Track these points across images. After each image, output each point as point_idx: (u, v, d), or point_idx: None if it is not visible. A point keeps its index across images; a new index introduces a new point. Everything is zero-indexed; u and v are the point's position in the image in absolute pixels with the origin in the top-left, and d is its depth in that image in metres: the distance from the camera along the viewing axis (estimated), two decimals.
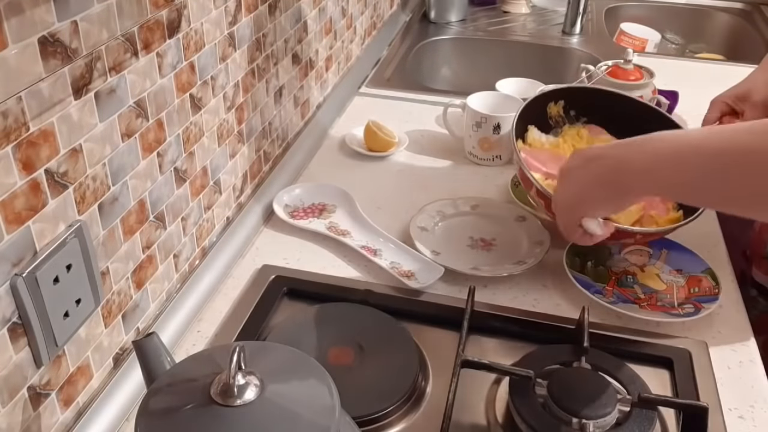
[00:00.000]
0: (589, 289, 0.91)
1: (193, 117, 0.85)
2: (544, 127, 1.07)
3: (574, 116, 1.09)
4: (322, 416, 0.50)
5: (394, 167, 1.23)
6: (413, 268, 0.96)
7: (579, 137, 1.06)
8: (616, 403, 0.72)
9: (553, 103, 1.07)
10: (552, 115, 1.08)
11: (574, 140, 1.05)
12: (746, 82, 1.04)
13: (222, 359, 0.52)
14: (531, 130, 1.05)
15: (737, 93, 1.04)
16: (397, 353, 0.81)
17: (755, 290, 1.04)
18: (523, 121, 1.03)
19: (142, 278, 0.80)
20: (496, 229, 1.05)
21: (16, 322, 0.61)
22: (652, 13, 2.07)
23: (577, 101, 1.07)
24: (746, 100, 1.03)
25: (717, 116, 1.05)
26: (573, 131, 1.07)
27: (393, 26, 1.81)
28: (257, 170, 1.09)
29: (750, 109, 1.02)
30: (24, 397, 0.63)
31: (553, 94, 1.07)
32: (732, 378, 0.82)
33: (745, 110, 1.02)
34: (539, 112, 1.06)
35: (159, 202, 0.81)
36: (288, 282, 0.93)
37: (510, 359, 0.81)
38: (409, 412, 0.77)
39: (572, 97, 1.07)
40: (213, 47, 0.88)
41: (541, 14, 1.99)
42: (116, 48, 0.68)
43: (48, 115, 0.60)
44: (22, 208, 0.59)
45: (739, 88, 1.04)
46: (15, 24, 0.55)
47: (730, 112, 1.04)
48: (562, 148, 1.04)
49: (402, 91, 1.50)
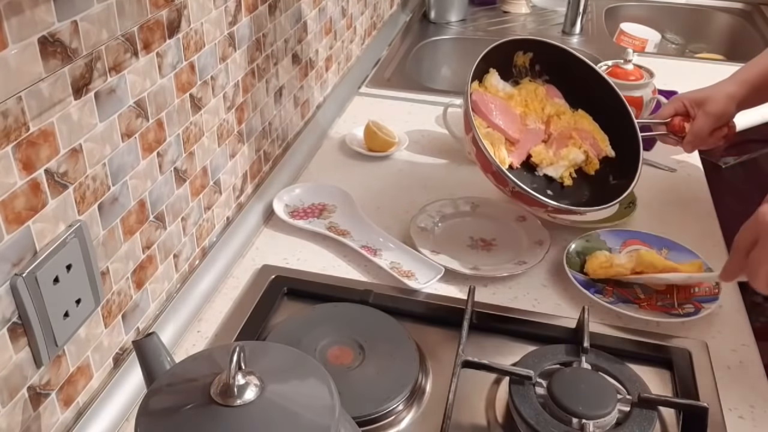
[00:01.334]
0: (589, 289, 0.91)
1: (193, 117, 0.85)
2: (506, 75, 1.05)
3: (538, 71, 1.07)
4: (322, 416, 0.50)
5: (394, 167, 1.23)
6: (413, 268, 0.96)
7: (534, 94, 1.04)
8: (616, 403, 0.72)
9: (522, 52, 1.06)
10: (517, 64, 1.06)
11: (529, 95, 1.04)
12: (708, 90, 1.04)
13: (222, 359, 0.52)
14: (492, 74, 1.03)
15: (696, 97, 1.04)
16: (397, 353, 0.81)
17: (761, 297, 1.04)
18: (486, 63, 1.01)
19: (142, 278, 0.80)
20: (496, 229, 1.05)
21: (16, 322, 0.61)
22: (652, 13, 2.07)
23: (546, 57, 1.06)
24: (702, 106, 1.03)
25: (671, 113, 1.06)
26: (531, 86, 1.05)
27: (393, 26, 1.81)
28: (257, 170, 1.09)
29: (701, 116, 1.03)
30: (24, 397, 0.63)
31: (525, 43, 1.05)
32: (732, 378, 0.82)
33: (697, 115, 1.03)
34: (506, 59, 1.05)
35: (159, 202, 0.81)
36: (288, 282, 0.93)
37: (510, 359, 0.81)
38: (409, 412, 0.77)
39: (542, 51, 1.06)
40: (213, 47, 0.88)
41: (541, 14, 1.99)
42: (116, 48, 0.68)
43: (48, 115, 0.60)
44: (22, 208, 0.59)
45: (699, 94, 1.05)
46: (15, 24, 0.55)
47: (683, 113, 1.05)
48: (515, 100, 1.03)
49: (402, 91, 1.50)
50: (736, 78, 1.05)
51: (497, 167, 0.91)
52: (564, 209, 0.95)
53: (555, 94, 1.05)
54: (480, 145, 0.92)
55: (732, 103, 1.02)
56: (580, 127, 1.03)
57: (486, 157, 0.92)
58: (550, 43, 1.05)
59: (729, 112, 1.03)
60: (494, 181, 0.95)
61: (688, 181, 1.20)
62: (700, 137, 1.03)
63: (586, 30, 1.86)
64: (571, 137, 1.02)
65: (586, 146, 1.01)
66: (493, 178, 0.95)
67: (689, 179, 1.20)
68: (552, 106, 1.03)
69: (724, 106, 1.02)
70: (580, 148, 1.01)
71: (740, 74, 1.05)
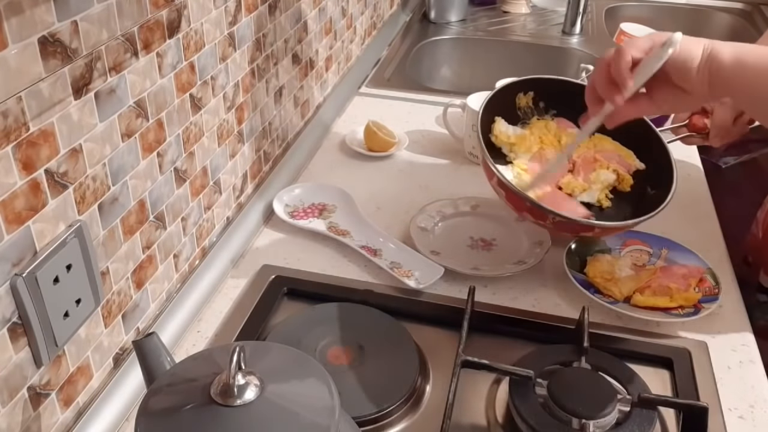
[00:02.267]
0: (589, 289, 0.91)
1: (193, 117, 0.85)
2: (512, 119, 1.04)
3: (543, 108, 1.06)
4: (322, 416, 0.50)
5: (394, 167, 1.23)
6: (413, 268, 0.96)
7: (547, 129, 1.03)
8: (616, 403, 0.72)
9: (522, 93, 1.04)
10: (521, 106, 1.05)
11: (541, 133, 1.02)
12: None
13: (222, 359, 0.52)
14: (498, 122, 1.02)
15: None
16: (397, 353, 0.81)
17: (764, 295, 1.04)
18: (490, 112, 1.00)
19: (142, 278, 0.80)
20: (496, 229, 1.05)
21: (16, 322, 0.61)
22: (652, 13, 2.07)
23: (547, 93, 1.05)
24: None
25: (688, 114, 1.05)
26: (541, 123, 1.04)
27: (393, 26, 1.81)
28: (257, 170, 1.09)
29: (718, 108, 1.02)
30: (24, 397, 0.63)
31: (523, 84, 1.04)
32: (732, 378, 0.82)
33: (714, 108, 1.02)
34: (508, 103, 1.04)
35: (159, 202, 0.81)
36: (288, 282, 0.93)
37: (510, 359, 0.81)
38: (409, 412, 0.77)
39: (542, 88, 1.05)
40: (213, 47, 0.88)
41: (541, 14, 1.99)
42: (116, 48, 0.68)
43: (48, 115, 0.60)
44: (22, 208, 0.59)
45: None
46: (15, 24, 0.55)
47: (700, 111, 1.04)
48: (528, 140, 1.01)
49: (402, 91, 1.50)
50: None
51: (531, 201, 0.88)
52: (611, 227, 0.92)
53: (567, 125, 1.03)
54: (508, 186, 0.88)
55: None
56: (601, 149, 1.01)
57: (517, 196, 0.89)
58: (548, 78, 1.04)
59: None
60: (532, 218, 0.91)
61: (688, 181, 1.20)
62: (725, 128, 1.02)
63: (586, 30, 1.86)
64: (596, 160, 1.00)
65: (614, 165, 0.99)
66: (530, 215, 0.91)
67: (689, 179, 1.20)
68: (567, 136, 1.01)
69: None
70: (608, 169, 0.99)
71: None
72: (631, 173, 1.01)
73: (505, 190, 0.90)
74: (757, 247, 1.11)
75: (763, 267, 1.05)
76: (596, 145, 1.02)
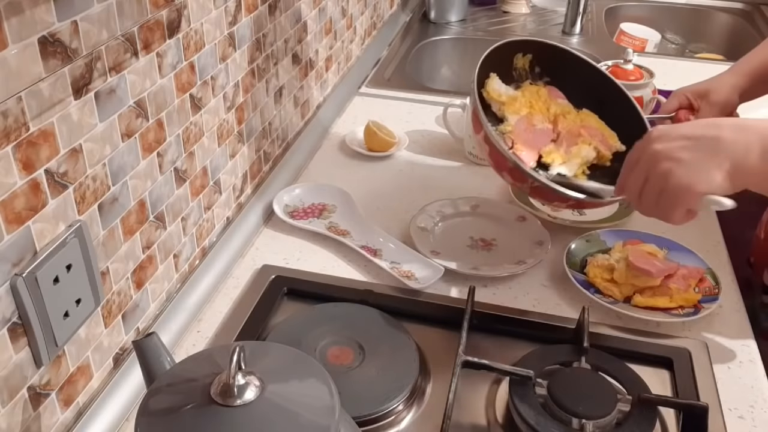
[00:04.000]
0: (589, 289, 0.91)
1: (193, 117, 0.85)
2: (506, 78, 1.03)
3: (538, 73, 1.06)
4: (322, 416, 0.50)
5: (394, 167, 1.23)
6: (413, 268, 0.96)
7: (538, 96, 1.03)
8: (616, 403, 0.72)
9: (521, 54, 1.04)
10: (517, 67, 1.05)
11: (532, 97, 1.02)
12: (710, 81, 1.05)
13: (222, 359, 0.52)
14: (492, 78, 1.01)
15: (699, 89, 1.05)
16: (397, 353, 0.81)
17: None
18: (486, 66, 0.99)
19: (142, 278, 0.80)
20: (496, 229, 1.05)
21: (16, 322, 0.61)
22: (652, 13, 2.07)
23: (545, 59, 1.05)
24: (705, 97, 1.03)
25: (675, 106, 1.06)
26: (533, 89, 1.04)
27: (393, 26, 1.81)
28: (257, 170, 1.09)
29: (705, 107, 1.03)
30: (24, 397, 0.63)
31: (523, 44, 1.04)
32: (732, 378, 0.82)
33: (701, 107, 1.03)
34: (505, 61, 1.03)
35: (159, 202, 0.81)
36: (288, 282, 0.93)
37: (510, 359, 0.81)
38: (409, 412, 0.77)
39: (541, 52, 1.04)
40: (213, 47, 0.88)
41: (541, 14, 1.99)
42: (116, 48, 0.68)
43: (48, 115, 0.60)
44: (22, 208, 0.59)
45: (702, 85, 1.05)
46: (15, 24, 0.55)
47: (687, 106, 1.05)
48: (519, 102, 1.01)
49: (402, 91, 1.50)
50: (737, 69, 1.04)
51: (514, 163, 0.88)
52: (587, 202, 0.91)
53: (557, 95, 1.05)
54: (494, 142, 0.89)
55: (735, 93, 1.02)
56: (587, 125, 1.02)
57: (501, 154, 0.89)
58: (550, 44, 1.04)
59: (732, 102, 1.02)
60: (511, 178, 0.92)
61: None
62: None
63: (586, 30, 1.86)
64: (580, 135, 1.01)
65: (596, 143, 1.00)
66: (509, 176, 0.92)
67: None
68: (557, 106, 1.03)
69: (727, 95, 1.02)
70: (590, 145, 1.00)
71: (741, 65, 1.05)
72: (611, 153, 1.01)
73: (489, 146, 0.90)
74: (761, 248, 1.11)
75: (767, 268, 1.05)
76: (583, 120, 1.02)
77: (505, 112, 1.00)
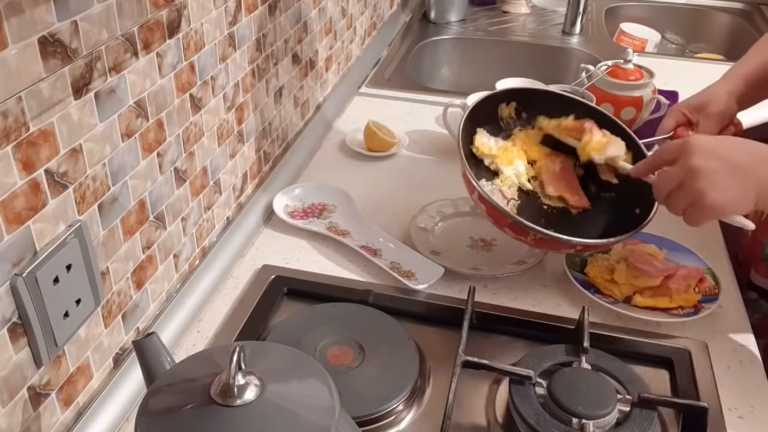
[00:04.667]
0: (589, 289, 0.91)
1: (193, 117, 0.85)
2: (495, 130, 1.01)
3: (525, 119, 1.03)
4: (322, 416, 0.50)
5: (394, 167, 1.23)
6: (413, 268, 0.96)
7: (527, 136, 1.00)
8: (616, 403, 0.72)
9: (504, 104, 1.02)
10: (503, 116, 1.02)
11: (524, 144, 1.00)
12: (705, 93, 1.02)
13: (222, 359, 0.52)
14: (479, 134, 0.99)
15: (694, 103, 1.02)
16: (397, 353, 0.81)
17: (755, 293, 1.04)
18: (473, 123, 0.98)
19: (142, 278, 0.80)
20: (496, 229, 1.05)
21: (16, 322, 0.61)
22: (652, 13, 2.07)
23: (530, 103, 1.02)
24: (702, 110, 1.01)
25: (673, 125, 1.03)
26: (523, 134, 1.01)
27: (393, 26, 1.81)
28: (257, 170, 1.09)
29: (704, 119, 1.00)
30: (24, 397, 0.63)
31: (505, 95, 1.02)
32: (732, 378, 0.82)
33: (699, 120, 1.01)
34: (490, 114, 1.01)
35: (159, 202, 0.81)
36: (288, 282, 0.93)
37: (510, 359, 0.81)
38: (409, 412, 0.77)
39: (524, 98, 1.02)
40: (213, 47, 0.88)
41: (541, 14, 1.99)
42: (116, 48, 0.68)
43: (48, 115, 0.60)
44: (22, 208, 0.59)
45: (697, 99, 1.02)
46: (15, 24, 0.55)
47: (685, 122, 1.02)
48: (511, 151, 0.99)
49: (402, 91, 1.50)
50: (732, 74, 1.02)
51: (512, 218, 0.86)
52: (593, 245, 0.89)
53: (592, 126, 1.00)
54: (489, 201, 0.87)
55: (732, 100, 1.00)
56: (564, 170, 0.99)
57: (498, 211, 0.87)
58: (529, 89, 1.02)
59: (731, 110, 1.01)
60: (513, 234, 0.89)
61: None
62: None
63: (586, 30, 1.86)
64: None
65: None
66: (511, 231, 0.89)
67: None
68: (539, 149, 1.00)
69: (725, 104, 1.00)
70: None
71: (735, 70, 1.03)
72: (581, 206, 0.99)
73: (485, 205, 0.89)
74: (747, 245, 1.11)
75: (753, 265, 1.05)
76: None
77: (498, 164, 0.98)
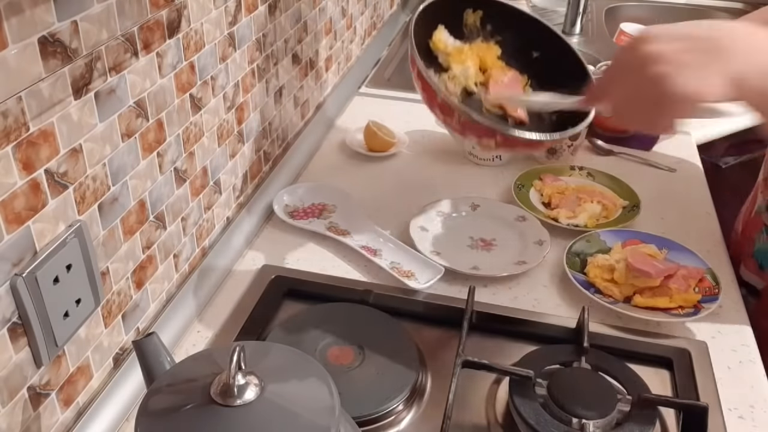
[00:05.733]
0: (589, 289, 0.91)
1: (193, 117, 0.85)
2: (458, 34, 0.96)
3: (489, 32, 0.98)
4: (322, 416, 0.50)
5: (394, 167, 1.23)
6: (413, 268, 0.96)
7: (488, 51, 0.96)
8: (616, 403, 0.72)
9: (471, 10, 0.96)
10: (468, 23, 0.97)
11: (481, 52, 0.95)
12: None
13: (222, 359, 0.52)
14: (439, 30, 0.93)
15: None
16: (397, 353, 0.81)
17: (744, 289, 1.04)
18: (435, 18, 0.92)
19: (142, 278, 0.80)
20: (496, 229, 1.05)
21: (16, 322, 0.61)
22: (652, 13, 2.07)
23: (497, 17, 0.97)
24: None
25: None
26: (484, 46, 0.96)
27: (393, 26, 1.81)
28: (257, 170, 1.09)
29: None
30: (24, 397, 0.63)
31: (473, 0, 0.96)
32: (732, 378, 0.82)
33: None
34: (455, 15, 0.96)
35: (159, 202, 0.81)
36: (288, 282, 0.93)
37: (510, 359, 0.81)
38: (409, 412, 0.77)
39: (493, 10, 0.97)
40: (213, 47, 0.88)
41: (541, 14, 1.98)
42: (116, 48, 0.68)
43: (48, 115, 0.60)
44: (22, 208, 0.59)
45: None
46: (15, 24, 0.55)
47: None
48: (465, 53, 0.94)
49: (402, 91, 1.50)
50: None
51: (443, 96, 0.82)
52: (516, 137, 0.82)
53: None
54: (425, 77, 0.83)
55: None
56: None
57: (432, 88, 0.82)
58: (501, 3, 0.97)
59: None
60: (441, 114, 0.85)
61: (688, 181, 1.20)
62: None
63: (586, 30, 1.86)
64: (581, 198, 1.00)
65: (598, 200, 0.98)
66: (440, 111, 0.85)
67: (689, 179, 1.20)
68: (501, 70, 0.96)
69: None
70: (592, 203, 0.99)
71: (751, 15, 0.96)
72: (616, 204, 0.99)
73: (422, 81, 0.85)
74: (737, 242, 1.11)
75: (743, 262, 1.05)
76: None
77: (450, 62, 0.93)
